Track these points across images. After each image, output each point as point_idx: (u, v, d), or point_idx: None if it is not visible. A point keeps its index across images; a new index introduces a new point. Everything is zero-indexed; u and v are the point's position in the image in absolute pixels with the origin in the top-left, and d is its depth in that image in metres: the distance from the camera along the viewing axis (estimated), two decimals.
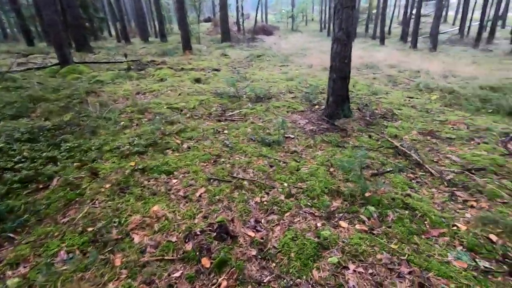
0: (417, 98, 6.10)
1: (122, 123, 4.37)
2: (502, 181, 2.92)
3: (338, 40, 4.22)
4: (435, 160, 3.38)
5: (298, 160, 3.37)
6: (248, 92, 6.04)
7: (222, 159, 3.43)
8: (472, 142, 3.77)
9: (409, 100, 5.78)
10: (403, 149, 3.54)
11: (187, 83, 6.94)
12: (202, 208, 2.59)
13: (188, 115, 4.91)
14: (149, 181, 2.97)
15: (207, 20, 37.09)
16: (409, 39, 20.78)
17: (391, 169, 3.16)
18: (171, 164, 3.25)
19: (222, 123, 4.66)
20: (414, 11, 22.45)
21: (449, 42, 20.82)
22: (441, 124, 4.37)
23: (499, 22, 23.99)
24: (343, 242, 2.18)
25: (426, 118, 4.66)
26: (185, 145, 3.76)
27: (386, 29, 26.78)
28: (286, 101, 5.57)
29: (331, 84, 4.51)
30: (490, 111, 5.30)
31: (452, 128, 4.22)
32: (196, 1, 22.28)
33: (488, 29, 19.21)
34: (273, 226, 2.40)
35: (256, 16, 25.67)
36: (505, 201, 2.65)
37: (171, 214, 2.48)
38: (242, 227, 2.41)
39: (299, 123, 4.54)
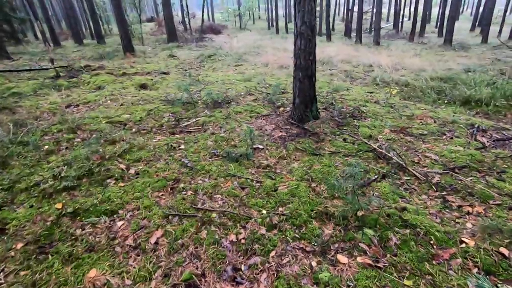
0: (377, 93, 6.04)
1: (45, 147, 3.43)
2: (488, 179, 2.76)
3: (302, 35, 3.81)
4: (415, 161, 3.15)
5: (274, 177, 2.86)
6: (204, 97, 5.38)
7: (182, 185, 2.78)
8: (444, 137, 3.66)
9: (371, 96, 5.68)
10: (382, 151, 3.26)
11: (131, 90, 6.02)
12: (160, 262, 1.93)
13: (134, 129, 4.10)
14: (83, 230, 2.21)
15: (150, 20, 34.97)
16: (353, 34, 21.82)
17: (375, 176, 2.83)
18: (114, 200, 2.51)
19: (177, 136, 3.97)
20: (355, 8, 23.63)
21: (387, 37, 22.29)
22: (410, 120, 4.25)
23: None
24: (348, 286, 1.73)
25: (393, 114, 4.52)
26: (132, 170, 3.01)
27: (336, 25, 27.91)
28: (247, 104, 5.04)
29: (297, 84, 4.10)
30: (446, 101, 5.41)
31: (421, 123, 4.10)
32: None
33: (418, 24, 20.97)
34: (258, 274, 1.86)
35: (203, 15, 24.69)
36: (498, 202, 2.46)
37: (116, 280, 1.79)
38: (217, 281, 1.83)
39: (266, 130, 4.05)
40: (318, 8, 28.05)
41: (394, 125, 4.03)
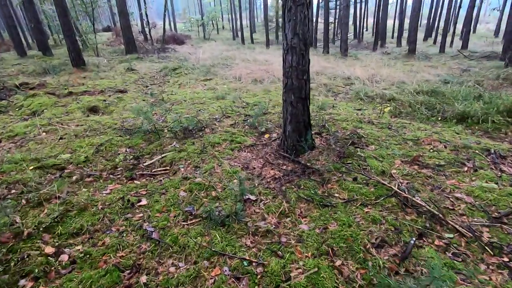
0: (365, 110, 5.52)
1: None
2: None
3: (293, 49, 3.06)
4: (449, 206, 2.51)
5: (280, 252, 2.02)
6: (171, 123, 4.41)
7: (143, 278, 1.82)
8: (466, 169, 3.10)
9: (361, 115, 5.11)
10: (405, 195, 2.58)
11: (77, 116, 4.84)
12: None
13: (75, 176, 3.02)
14: None
15: (107, 29, 32.79)
16: (319, 44, 22.03)
17: (413, 240, 2.11)
18: None
19: (137, 183, 2.97)
20: (319, 19, 24.02)
21: (351, 47, 22.84)
22: (417, 145, 3.67)
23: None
24: None
25: (395, 137, 3.94)
26: (64, 257, 1.98)
27: None
28: (225, 131, 4.16)
29: (288, 109, 3.33)
30: (440, 118, 5.00)
31: (431, 150, 3.54)
32: (88, 6, 18.75)
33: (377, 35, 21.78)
34: None
35: (164, 24, 23.42)
36: None
37: None
38: None
39: (254, 167, 3.21)
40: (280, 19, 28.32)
41: (403, 154, 3.41)
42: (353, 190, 2.70)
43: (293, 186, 2.79)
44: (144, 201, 2.65)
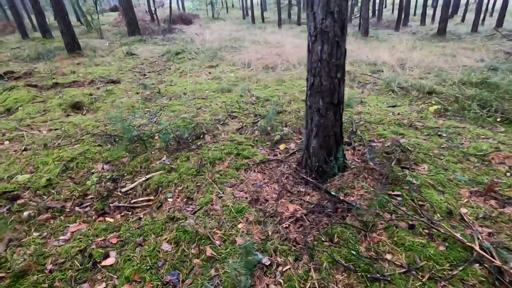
0: (400, 105, 4.52)
1: None
2: None
3: (325, 35, 2.12)
4: None
5: None
6: (162, 126, 3.58)
7: None
8: None
9: (398, 114, 4.13)
10: (493, 260, 1.71)
11: (55, 115, 4.06)
12: None
13: (28, 212, 2.26)
14: None
15: (114, 9, 31.56)
16: None
17: None
18: None
19: (109, 221, 2.20)
20: None
21: (370, 25, 21.10)
22: (485, 166, 2.73)
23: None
24: None
25: (451, 151, 2.99)
26: None
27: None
28: (230, 139, 3.31)
29: (315, 118, 2.43)
30: (498, 120, 3.98)
31: (508, 173, 2.60)
32: None
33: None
34: None
35: (171, 3, 22.11)
36: None
37: None
38: None
39: (267, 199, 2.37)
40: None
41: (471, 180, 2.49)
42: (412, 248, 1.84)
43: (322, 237, 1.95)
44: (112, 258, 1.87)
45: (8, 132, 3.48)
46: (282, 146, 3.18)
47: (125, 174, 2.77)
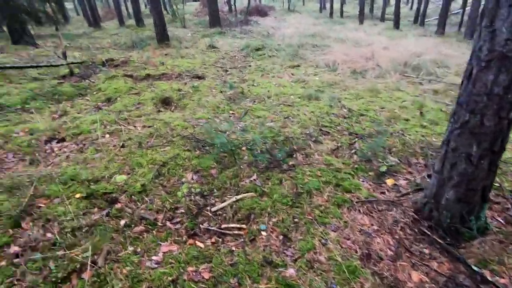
0: None
1: None
2: None
3: (506, 61, 1.54)
4: None
5: None
6: (250, 137, 3.35)
7: None
8: None
9: None
10: None
11: (147, 110, 4.18)
12: None
13: (124, 221, 2.23)
14: None
15: None
16: (426, 20, 18.02)
17: None
18: None
19: (199, 246, 2.04)
20: None
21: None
22: None
23: None
24: None
25: None
26: None
27: (391, 9, 23.78)
28: (325, 162, 2.91)
29: (459, 164, 1.87)
30: None
31: None
32: None
33: None
34: None
35: None
36: None
37: None
38: None
39: (380, 256, 1.93)
40: None
41: None
42: None
43: None
44: None
45: (109, 125, 3.67)
46: (389, 181, 2.66)
47: (214, 190, 2.60)
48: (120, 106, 4.27)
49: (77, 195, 2.41)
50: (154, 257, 1.97)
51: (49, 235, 2.06)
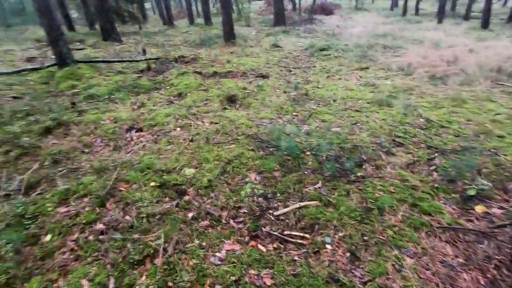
0: None
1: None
2: None
3: None
4: None
5: None
6: (314, 142, 3.23)
7: None
8: None
9: None
10: None
11: (214, 107, 4.35)
12: None
13: (192, 214, 2.34)
14: None
15: None
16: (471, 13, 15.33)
17: None
18: None
19: (261, 250, 2.02)
20: None
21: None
22: None
23: None
24: None
25: None
26: None
27: (477, 6, 20.80)
28: (398, 177, 2.65)
29: None
30: None
31: None
32: None
33: None
34: None
35: None
36: None
37: None
38: None
39: None
40: None
41: None
42: None
43: None
44: None
45: (180, 119, 3.91)
46: (479, 208, 2.29)
47: (277, 193, 2.57)
48: (189, 101, 4.53)
49: (152, 183, 2.61)
50: (217, 254, 2.02)
51: (127, 217, 2.27)
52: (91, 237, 2.09)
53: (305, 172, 2.78)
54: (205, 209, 2.39)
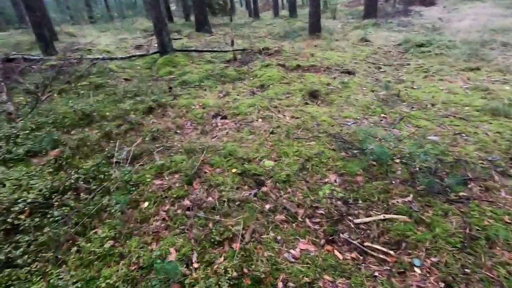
0: None
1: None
2: None
3: None
4: None
5: None
6: (405, 149, 2.89)
7: None
8: None
9: None
10: None
11: (295, 101, 4.29)
12: None
13: (268, 205, 2.37)
14: None
15: None
16: None
17: None
18: None
19: (337, 258, 1.92)
20: None
21: None
22: None
23: None
24: None
25: None
26: None
27: None
28: None
29: None
30: None
31: None
32: None
33: None
34: None
35: None
36: None
37: None
38: None
39: None
40: None
41: None
42: None
43: None
44: None
45: (262, 110, 3.98)
46: None
47: (358, 199, 2.40)
48: (272, 93, 4.57)
49: (233, 170, 2.73)
50: (292, 251, 2.00)
51: (210, 199, 2.42)
52: (179, 211, 2.31)
53: (393, 182, 2.52)
54: (281, 203, 2.39)
